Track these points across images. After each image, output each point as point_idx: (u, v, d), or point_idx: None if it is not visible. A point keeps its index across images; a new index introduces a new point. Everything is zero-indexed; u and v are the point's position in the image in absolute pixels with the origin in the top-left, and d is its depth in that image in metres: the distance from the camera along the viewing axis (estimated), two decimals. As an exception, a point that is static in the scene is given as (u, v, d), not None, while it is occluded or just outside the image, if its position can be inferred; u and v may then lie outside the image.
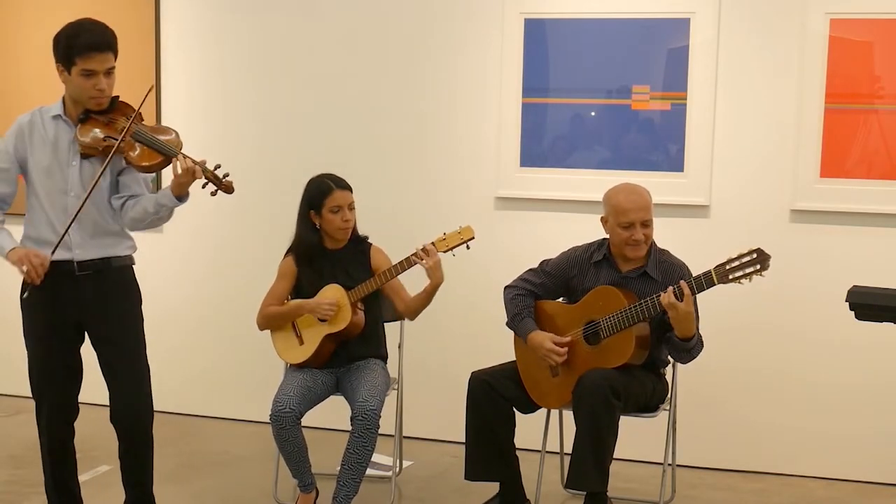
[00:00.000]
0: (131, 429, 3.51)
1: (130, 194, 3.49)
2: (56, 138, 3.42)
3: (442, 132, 4.79)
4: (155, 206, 3.41)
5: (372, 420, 3.64)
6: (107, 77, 3.35)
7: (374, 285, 3.82)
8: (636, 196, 3.71)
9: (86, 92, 3.35)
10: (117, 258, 3.50)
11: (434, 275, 3.72)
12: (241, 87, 5.04)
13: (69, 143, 3.42)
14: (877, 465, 4.41)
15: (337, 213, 3.85)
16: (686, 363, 3.72)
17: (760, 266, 3.39)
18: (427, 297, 3.80)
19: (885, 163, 4.28)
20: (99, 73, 3.33)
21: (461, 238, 3.74)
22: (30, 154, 3.43)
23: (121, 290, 3.53)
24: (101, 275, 3.45)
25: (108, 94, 3.39)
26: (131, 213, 3.46)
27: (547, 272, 3.87)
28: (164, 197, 3.40)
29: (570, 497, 4.16)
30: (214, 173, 3.45)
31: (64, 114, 3.42)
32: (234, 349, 5.11)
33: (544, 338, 3.72)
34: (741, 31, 4.38)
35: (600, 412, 3.49)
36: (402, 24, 4.80)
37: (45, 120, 3.43)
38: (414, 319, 3.94)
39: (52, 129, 3.42)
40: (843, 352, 4.37)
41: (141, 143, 3.41)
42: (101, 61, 3.31)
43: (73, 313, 3.46)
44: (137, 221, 3.46)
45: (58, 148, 3.42)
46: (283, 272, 3.95)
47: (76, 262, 3.42)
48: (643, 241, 3.69)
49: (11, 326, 5.38)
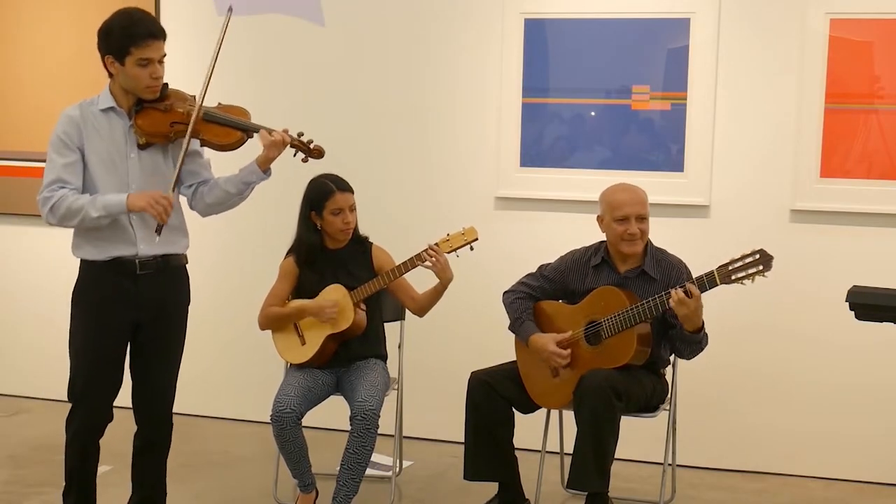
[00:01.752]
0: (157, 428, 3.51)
1: (200, 181, 3.47)
2: (110, 131, 3.34)
3: (442, 132, 4.79)
4: (238, 186, 3.40)
5: (371, 420, 3.64)
6: (161, 65, 3.32)
7: (378, 285, 3.81)
8: (631, 191, 3.73)
9: (142, 81, 3.29)
10: (175, 256, 3.48)
11: (443, 275, 3.71)
12: (241, 87, 5.03)
13: (125, 135, 3.35)
14: (877, 465, 4.41)
15: (338, 216, 3.85)
16: (692, 357, 3.70)
17: (763, 267, 3.39)
18: (437, 295, 3.79)
19: (885, 163, 4.28)
20: (154, 60, 3.29)
21: (465, 239, 3.73)
22: (87, 146, 3.32)
23: (178, 289, 3.53)
24: (160, 274, 3.41)
25: (162, 81, 3.35)
26: (208, 198, 3.45)
27: (545, 276, 3.87)
28: (251, 174, 3.39)
29: (570, 497, 4.16)
30: (301, 140, 3.45)
31: (117, 105, 3.34)
32: (234, 349, 5.11)
33: (547, 340, 3.71)
34: (741, 31, 4.38)
35: (602, 413, 3.49)
36: (403, 24, 4.80)
37: (95, 113, 3.34)
38: (423, 316, 3.93)
39: (105, 121, 3.34)
40: (843, 352, 4.37)
41: (214, 122, 3.38)
42: (157, 49, 3.28)
43: (131, 313, 3.39)
44: (216, 206, 3.46)
45: (114, 140, 3.34)
46: (284, 272, 3.95)
47: (138, 261, 3.35)
48: (639, 237, 3.69)
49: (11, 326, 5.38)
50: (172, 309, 3.51)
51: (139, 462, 3.58)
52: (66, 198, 3.25)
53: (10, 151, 5.35)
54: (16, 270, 5.47)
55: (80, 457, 3.45)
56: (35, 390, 5.36)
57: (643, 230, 3.70)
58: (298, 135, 3.48)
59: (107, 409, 3.43)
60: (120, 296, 3.36)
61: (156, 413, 3.52)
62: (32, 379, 5.37)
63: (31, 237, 5.35)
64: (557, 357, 3.68)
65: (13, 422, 5.11)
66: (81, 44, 5.17)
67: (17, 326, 5.38)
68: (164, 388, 3.51)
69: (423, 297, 3.85)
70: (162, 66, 3.33)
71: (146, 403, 3.50)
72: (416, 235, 3.91)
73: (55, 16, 5.21)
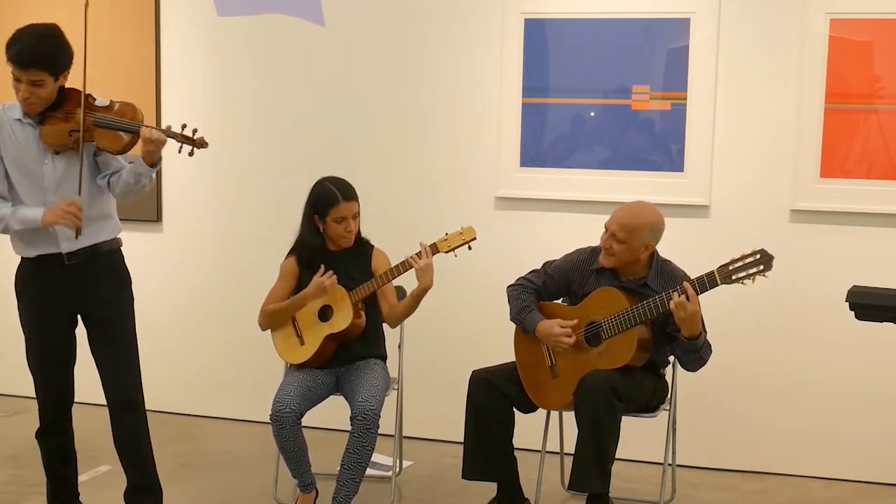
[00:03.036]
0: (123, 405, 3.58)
1: (112, 171, 3.56)
2: (25, 139, 3.45)
3: (442, 132, 4.79)
4: (134, 176, 3.49)
5: (371, 420, 3.64)
6: (32, 87, 3.35)
7: (375, 286, 3.82)
8: (625, 212, 3.69)
9: (16, 95, 3.40)
10: (105, 243, 3.56)
11: (423, 277, 3.70)
12: (242, 87, 5.04)
13: (36, 143, 3.45)
14: (877, 465, 4.41)
15: (340, 223, 3.84)
16: (695, 369, 3.67)
17: (764, 267, 3.38)
18: (414, 302, 3.78)
19: (885, 163, 4.28)
20: (23, 81, 3.35)
21: (463, 238, 3.73)
22: (4, 152, 3.46)
23: (111, 273, 3.60)
24: (89, 261, 3.51)
25: (36, 101, 3.39)
26: (117, 188, 3.55)
27: (549, 273, 3.87)
28: (140, 166, 3.48)
29: (571, 497, 4.16)
30: (183, 134, 3.50)
31: (24, 116, 3.45)
32: (234, 349, 5.11)
33: (552, 324, 3.71)
34: (741, 31, 4.38)
35: (602, 414, 3.49)
36: (402, 24, 4.80)
37: (11, 121, 3.46)
38: (395, 327, 3.94)
39: (19, 130, 3.46)
40: (843, 352, 4.37)
41: (104, 128, 3.45)
42: (23, 73, 3.34)
43: (66, 303, 3.52)
44: (124, 194, 3.56)
45: (28, 148, 3.45)
46: (285, 273, 3.95)
47: (65, 254, 3.47)
48: (610, 252, 3.67)
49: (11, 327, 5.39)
50: (110, 293, 3.58)
51: (119, 449, 3.65)
52: None
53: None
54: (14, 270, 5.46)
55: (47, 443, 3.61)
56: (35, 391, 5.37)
57: (614, 249, 3.66)
58: (182, 127, 3.51)
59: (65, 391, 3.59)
60: (53, 288, 3.50)
61: (118, 397, 3.59)
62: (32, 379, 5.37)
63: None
64: (564, 337, 3.66)
65: (13, 422, 5.11)
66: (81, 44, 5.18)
67: (17, 326, 5.37)
68: (120, 372, 3.58)
69: (398, 306, 3.87)
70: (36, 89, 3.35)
71: (109, 389, 3.60)
72: (416, 235, 3.91)
73: (55, 16, 5.20)
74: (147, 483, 3.67)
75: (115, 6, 4.96)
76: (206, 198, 5.14)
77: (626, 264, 3.70)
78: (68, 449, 3.70)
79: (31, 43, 3.35)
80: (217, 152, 4.92)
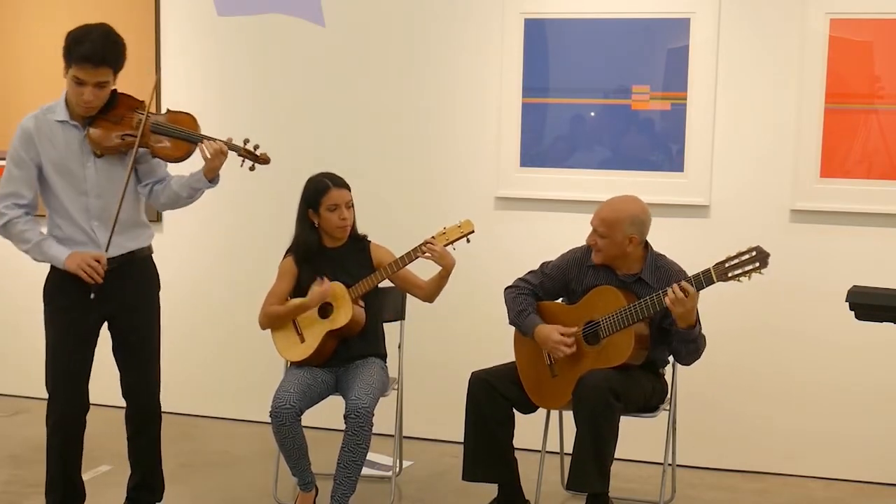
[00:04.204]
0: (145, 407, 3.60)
1: (156, 180, 3.56)
2: (66, 142, 3.41)
3: (442, 132, 4.79)
4: (188, 190, 3.51)
5: (364, 417, 3.64)
6: (97, 89, 3.34)
7: (376, 280, 3.83)
8: (605, 206, 3.71)
9: (74, 97, 3.37)
10: (140, 250, 3.56)
11: (444, 261, 3.73)
12: (242, 87, 5.05)
13: (80, 145, 3.41)
14: (877, 465, 4.40)
15: (334, 212, 3.85)
16: (691, 362, 3.69)
17: (760, 264, 3.38)
18: (442, 281, 3.81)
19: (885, 163, 4.28)
20: (88, 83, 3.32)
21: (461, 231, 3.74)
22: (43, 157, 3.41)
23: (145, 279, 3.61)
24: (124, 267, 3.49)
25: (96, 104, 3.38)
26: (161, 198, 3.55)
27: (546, 273, 3.88)
28: (198, 181, 3.48)
29: (570, 497, 4.16)
30: (245, 148, 3.50)
31: (70, 118, 3.41)
32: (234, 349, 5.11)
33: (551, 330, 3.71)
34: (741, 31, 4.38)
35: (601, 414, 3.49)
36: (402, 25, 4.80)
37: (51, 123, 3.41)
38: (433, 301, 3.91)
39: (60, 132, 3.41)
40: (843, 352, 4.37)
41: (162, 135, 3.44)
42: (90, 74, 3.30)
43: (99, 307, 3.47)
44: (170, 205, 3.57)
45: (70, 151, 3.41)
46: (284, 272, 3.95)
47: None
48: (596, 248, 3.69)
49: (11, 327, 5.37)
50: (141, 299, 3.59)
51: (133, 446, 3.68)
52: (17, 223, 3.40)
53: (9, 151, 5.34)
54: (16, 270, 5.46)
55: (60, 450, 3.53)
56: (35, 390, 5.31)
57: (598, 245, 3.67)
58: (244, 142, 3.51)
59: (80, 400, 3.52)
60: (86, 294, 3.43)
61: (140, 401, 3.62)
62: (32, 379, 5.33)
63: (31, 237, 5.35)
64: (563, 345, 3.67)
65: (13, 422, 5.11)
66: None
67: (18, 326, 5.38)
68: (145, 377, 3.61)
69: (429, 283, 3.86)
70: (99, 91, 3.34)
71: (130, 392, 3.61)
72: (416, 235, 3.91)
73: (56, 16, 5.21)
74: (153, 482, 3.72)
75: (114, 6, 4.96)
76: (206, 197, 5.10)
77: (614, 258, 3.70)
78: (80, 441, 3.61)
79: (102, 42, 3.31)
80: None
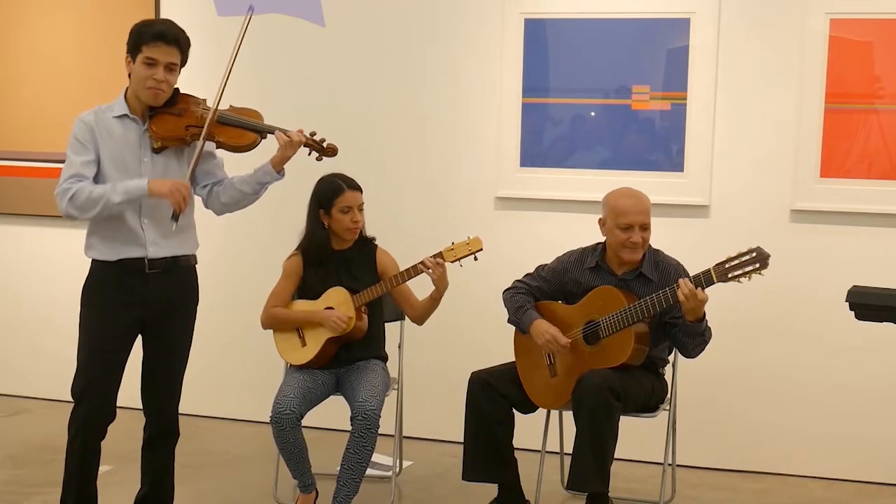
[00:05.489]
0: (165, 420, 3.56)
1: (215, 181, 3.53)
2: (124, 136, 3.37)
3: (442, 132, 4.79)
4: (254, 186, 3.48)
5: (372, 420, 3.64)
6: (167, 72, 3.34)
7: (380, 291, 3.81)
8: (636, 199, 3.72)
9: (144, 81, 3.32)
10: (185, 257, 3.51)
11: (440, 283, 3.73)
12: (241, 87, 5.02)
13: (138, 140, 3.38)
14: (877, 465, 4.41)
15: (347, 214, 3.85)
16: (697, 354, 3.68)
17: (760, 265, 3.38)
18: (434, 304, 3.81)
19: (885, 163, 4.28)
20: (160, 63, 3.31)
21: (469, 249, 3.72)
22: (102, 150, 3.36)
23: (188, 289, 3.55)
24: (169, 273, 3.44)
25: (166, 88, 3.36)
26: (223, 197, 3.51)
27: (543, 277, 3.88)
28: (266, 175, 3.46)
29: (570, 497, 4.16)
30: (314, 139, 3.52)
31: (130, 111, 3.39)
32: (234, 349, 5.11)
33: (548, 325, 3.72)
34: (741, 31, 4.38)
35: (600, 413, 3.49)
36: (402, 24, 4.80)
37: (109, 119, 3.38)
38: (422, 324, 3.94)
39: (119, 127, 3.37)
40: (843, 352, 4.37)
41: (229, 125, 3.44)
42: (164, 53, 3.31)
43: (138, 312, 3.42)
44: (231, 205, 3.52)
45: (127, 145, 3.38)
46: (289, 271, 3.95)
47: (148, 260, 3.39)
48: (640, 245, 3.69)
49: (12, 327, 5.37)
50: (180, 308, 3.53)
51: (147, 456, 3.61)
52: (84, 189, 3.29)
53: (10, 151, 5.34)
54: (16, 270, 5.47)
55: (80, 456, 3.44)
56: (35, 390, 5.36)
57: (645, 239, 3.70)
58: (311, 134, 3.54)
59: (109, 406, 3.43)
60: (128, 296, 3.39)
61: (163, 409, 3.57)
62: (32, 379, 5.37)
63: (31, 237, 5.35)
64: (557, 342, 3.67)
65: (13, 422, 5.11)
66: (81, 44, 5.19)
67: (18, 326, 5.38)
68: (171, 386, 3.57)
69: (421, 305, 3.87)
70: (168, 73, 3.35)
71: (154, 400, 3.55)
72: (416, 235, 3.92)
73: (55, 16, 5.22)
74: (161, 495, 3.65)
75: (114, 6, 4.96)
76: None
77: None
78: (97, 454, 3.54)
79: (172, 24, 3.36)
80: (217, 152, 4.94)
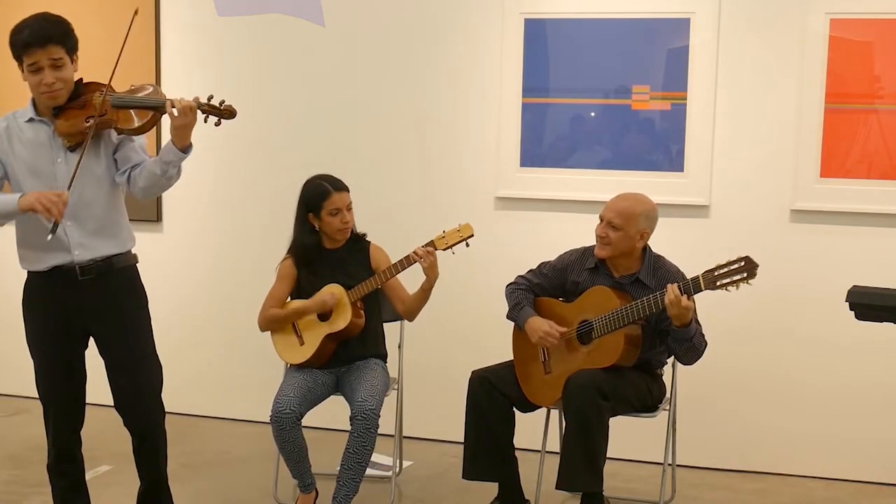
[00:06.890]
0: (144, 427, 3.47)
1: (132, 165, 3.35)
2: (35, 139, 3.30)
3: (442, 132, 4.79)
4: (161, 166, 3.23)
5: (371, 420, 3.64)
6: (54, 70, 3.22)
7: (375, 284, 3.82)
8: (620, 198, 3.73)
9: (37, 88, 3.25)
10: (119, 257, 3.37)
11: (430, 272, 3.73)
12: (242, 88, 5.04)
13: (50, 141, 3.30)
14: (877, 465, 4.41)
15: (336, 216, 3.85)
16: (691, 362, 3.68)
17: (748, 274, 3.37)
18: (424, 295, 3.82)
19: (885, 163, 4.28)
20: (44, 67, 3.20)
21: (460, 236, 3.74)
22: (12, 158, 3.31)
23: (125, 292, 3.41)
24: (104, 278, 3.33)
25: (61, 86, 3.25)
26: (140, 182, 3.29)
27: (544, 274, 3.88)
28: (168, 153, 3.22)
29: (570, 497, 4.16)
30: (209, 104, 3.29)
31: (36, 115, 3.32)
32: (234, 349, 5.11)
33: (542, 322, 3.73)
34: (741, 31, 4.38)
35: (588, 412, 3.49)
36: (402, 24, 4.80)
37: (21, 124, 3.33)
38: (413, 320, 3.95)
39: (30, 131, 3.31)
40: (843, 352, 4.37)
41: (124, 108, 3.27)
42: (42, 54, 3.19)
43: (78, 321, 3.35)
44: (148, 189, 3.31)
45: (39, 148, 3.30)
46: (283, 274, 3.95)
47: (78, 267, 3.29)
48: (606, 241, 3.68)
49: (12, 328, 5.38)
50: (125, 316, 3.40)
51: (137, 458, 3.58)
52: None
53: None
54: (16, 271, 5.45)
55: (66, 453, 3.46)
56: (35, 390, 5.35)
57: (611, 238, 3.67)
58: (208, 98, 3.30)
59: (73, 408, 3.44)
60: (63, 305, 3.33)
61: (135, 416, 3.46)
62: (32, 379, 5.35)
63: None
64: (550, 336, 3.68)
65: (13, 422, 5.11)
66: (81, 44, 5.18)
67: (18, 326, 5.37)
68: (135, 392, 3.43)
69: (411, 299, 3.87)
70: (57, 70, 3.22)
71: (124, 408, 3.45)
72: (416, 236, 3.91)
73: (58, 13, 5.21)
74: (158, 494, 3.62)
75: (114, 6, 4.96)
76: (206, 198, 5.14)
77: (620, 254, 3.70)
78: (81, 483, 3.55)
79: (41, 23, 3.21)
80: (218, 152, 4.95)
